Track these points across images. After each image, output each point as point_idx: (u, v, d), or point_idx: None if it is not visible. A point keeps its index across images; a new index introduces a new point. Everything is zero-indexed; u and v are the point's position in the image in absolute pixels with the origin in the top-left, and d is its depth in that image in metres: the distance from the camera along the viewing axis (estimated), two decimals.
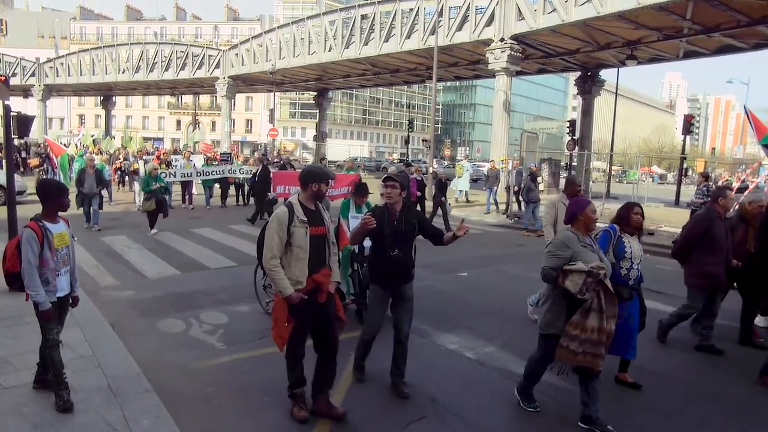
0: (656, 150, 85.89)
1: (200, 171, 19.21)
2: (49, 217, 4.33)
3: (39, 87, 50.43)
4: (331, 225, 4.62)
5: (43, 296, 4.16)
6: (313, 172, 4.47)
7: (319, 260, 4.37)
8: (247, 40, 41.16)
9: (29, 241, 4.13)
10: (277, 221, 4.24)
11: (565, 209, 6.79)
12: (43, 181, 4.83)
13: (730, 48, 24.56)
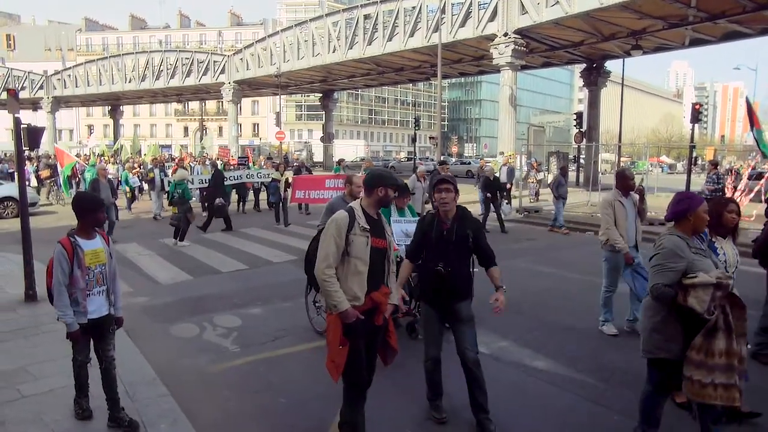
0: (665, 140, 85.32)
1: None
2: (83, 233, 4.14)
3: (48, 99, 50.89)
4: (393, 240, 4.12)
5: (70, 317, 3.98)
6: (381, 175, 3.94)
7: (378, 277, 3.88)
8: (251, 44, 41.29)
9: (59, 259, 3.97)
10: (335, 226, 3.73)
11: (623, 209, 6.57)
12: (78, 194, 4.62)
13: (736, 34, 24.34)
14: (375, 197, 3.86)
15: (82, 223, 4.15)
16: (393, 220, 6.85)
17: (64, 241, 4.03)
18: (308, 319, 6.82)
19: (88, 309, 4.07)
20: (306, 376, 5.48)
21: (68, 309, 3.97)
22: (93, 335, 4.21)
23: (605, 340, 6.44)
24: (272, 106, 65.61)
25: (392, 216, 6.93)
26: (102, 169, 14.06)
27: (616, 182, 6.83)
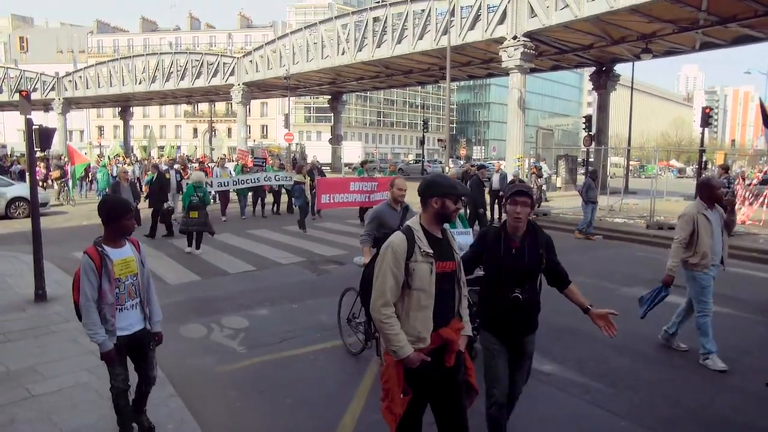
0: (674, 144, 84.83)
1: (236, 180, 18.02)
2: (111, 241, 3.70)
3: (59, 101, 51.29)
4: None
5: (101, 336, 3.59)
6: (434, 182, 3.28)
7: (447, 307, 3.24)
8: (260, 46, 41.43)
9: (86, 271, 3.55)
10: (391, 255, 3.10)
11: (708, 223, 5.77)
12: (105, 199, 4.03)
13: (747, 38, 24.19)
14: (431, 211, 3.22)
15: (109, 230, 3.71)
16: None
17: (91, 251, 3.59)
18: (342, 340, 6.23)
19: (121, 325, 3.71)
20: (312, 377, 5.50)
21: (99, 327, 3.59)
22: (130, 355, 3.86)
23: (612, 344, 6.41)
24: (281, 108, 65.83)
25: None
26: (123, 171, 13.43)
27: (700, 192, 6.06)
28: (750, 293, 8.85)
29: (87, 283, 3.53)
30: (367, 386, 5.24)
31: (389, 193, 5.99)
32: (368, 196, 15.01)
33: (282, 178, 18.33)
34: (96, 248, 3.62)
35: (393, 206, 5.88)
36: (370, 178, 15.68)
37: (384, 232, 5.54)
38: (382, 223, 5.80)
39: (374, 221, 5.89)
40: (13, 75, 52.30)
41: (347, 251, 12.14)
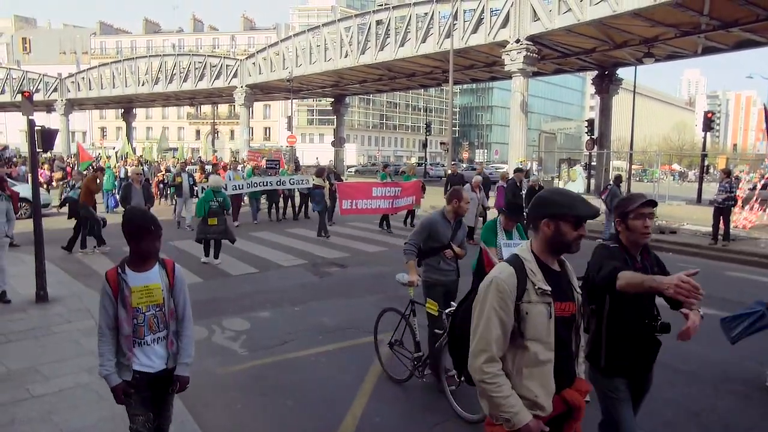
0: (676, 148, 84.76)
1: (250, 183, 17.26)
2: (133, 263, 3.13)
3: (61, 102, 51.45)
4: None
5: (106, 369, 3.04)
6: (551, 200, 2.51)
7: (567, 362, 2.57)
8: (263, 48, 41.51)
9: (102, 296, 3.09)
10: (496, 293, 2.40)
11: None
12: (128, 212, 3.36)
13: (749, 43, 24.22)
14: (542, 236, 2.50)
15: (133, 249, 3.13)
16: (502, 243, 5.71)
17: (110, 273, 3.10)
18: (380, 363, 5.67)
19: (143, 361, 3.14)
20: (314, 379, 5.50)
21: (106, 359, 3.06)
22: (150, 394, 3.23)
23: None
24: (284, 110, 65.89)
25: (499, 237, 5.79)
26: (136, 173, 12.74)
27: None
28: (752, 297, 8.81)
29: (103, 310, 3.08)
30: (369, 388, 5.24)
31: (453, 205, 5.27)
32: (392, 202, 14.79)
33: (297, 181, 17.60)
34: (116, 270, 3.09)
35: (448, 218, 5.31)
36: (393, 183, 15.43)
37: (431, 246, 5.26)
38: (433, 235, 5.24)
39: (423, 232, 5.27)
40: (16, 76, 52.45)
41: (349, 254, 12.15)
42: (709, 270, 10.79)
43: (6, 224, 7.84)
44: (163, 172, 22.91)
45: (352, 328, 7.04)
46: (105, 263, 10.91)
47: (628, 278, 2.83)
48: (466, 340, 2.52)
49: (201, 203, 10.85)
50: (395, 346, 5.46)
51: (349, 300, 8.46)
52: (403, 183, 15.49)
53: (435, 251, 5.28)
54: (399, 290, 8.97)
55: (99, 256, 11.67)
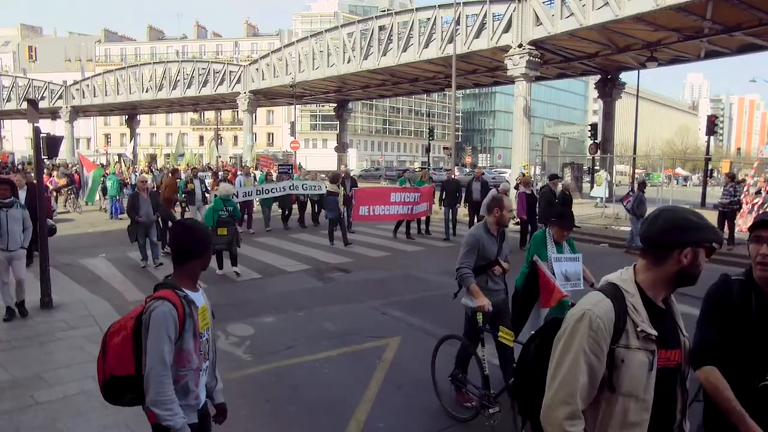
0: (680, 152, 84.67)
1: (260, 189, 16.54)
2: (188, 283, 2.69)
3: (66, 109, 51.68)
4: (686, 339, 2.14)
5: (181, 419, 2.51)
6: (693, 224, 2.01)
7: (666, 424, 2.04)
8: (266, 54, 41.66)
9: (167, 324, 2.45)
10: (588, 331, 1.92)
11: None
12: (193, 224, 2.85)
13: (752, 47, 24.24)
14: (672, 267, 1.99)
15: (191, 267, 2.70)
16: (553, 258, 5.17)
17: (170, 295, 2.52)
18: (436, 396, 5.01)
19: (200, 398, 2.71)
20: (318, 385, 5.49)
21: (177, 405, 2.51)
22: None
23: None
24: (287, 115, 66.03)
25: (549, 251, 5.23)
26: (142, 181, 11.96)
27: None
28: None
29: (167, 342, 2.44)
30: (373, 394, 5.23)
31: (494, 215, 4.76)
32: (411, 208, 14.49)
33: (310, 187, 17.06)
34: (175, 291, 2.56)
35: (491, 231, 4.81)
36: (412, 188, 15.12)
37: (478, 265, 4.74)
38: (480, 252, 4.74)
39: (474, 250, 4.72)
40: (22, 84, 52.76)
41: (352, 259, 12.14)
42: (713, 274, 10.75)
43: (22, 234, 7.24)
44: None
45: (356, 333, 7.03)
46: (111, 272, 10.94)
47: (714, 385, 2.27)
48: (537, 385, 2.06)
49: (210, 212, 10.53)
50: (456, 379, 4.90)
51: (352, 305, 8.45)
52: (423, 188, 15.21)
53: (482, 270, 4.80)
54: (403, 295, 9.01)
55: (103, 261, 11.69)
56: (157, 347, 2.43)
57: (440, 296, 9.11)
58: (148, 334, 2.44)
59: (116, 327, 2.56)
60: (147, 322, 2.45)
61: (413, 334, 7.01)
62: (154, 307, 2.46)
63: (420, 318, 7.68)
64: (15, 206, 7.15)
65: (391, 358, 6.13)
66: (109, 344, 2.53)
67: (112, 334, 2.54)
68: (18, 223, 7.14)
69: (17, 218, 7.14)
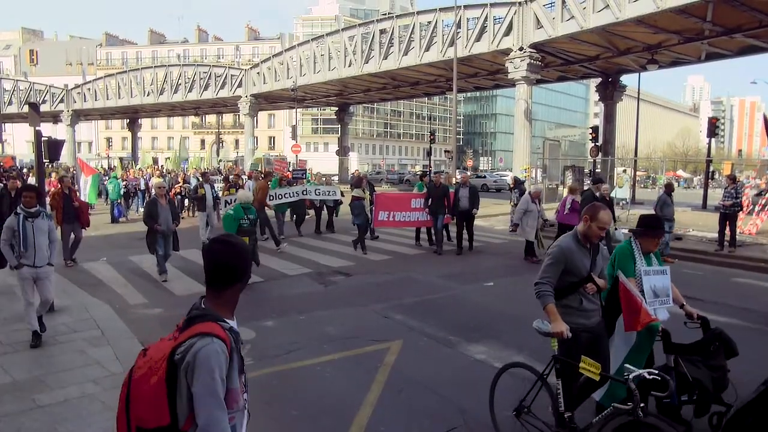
0: (681, 154, 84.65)
1: (273, 194, 15.77)
2: (228, 310, 2.31)
3: (68, 112, 51.83)
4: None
5: None
6: None
7: None
8: (268, 58, 41.77)
9: (220, 365, 2.04)
10: None
11: None
12: (237, 242, 2.33)
13: (753, 48, 24.26)
14: None
15: (233, 292, 2.31)
16: (642, 271, 4.54)
17: (218, 330, 2.10)
18: (492, 425, 4.45)
19: None
20: (318, 389, 5.48)
21: None
22: None
23: None
24: (288, 119, 66.09)
25: (638, 264, 4.58)
26: (160, 186, 11.00)
27: None
28: (758, 303, 8.78)
29: (220, 386, 2.04)
30: (374, 397, 5.21)
31: (585, 226, 4.03)
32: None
33: (325, 192, 16.41)
34: (221, 325, 2.15)
35: (583, 243, 4.07)
36: None
37: (568, 282, 4.01)
38: (569, 267, 4.00)
39: (559, 263, 4.00)
40: (23, 87, 52.90)
41: (354, 262, 12.13)
42: (715, 276, 10.76)
43: (48, 248, 6.44)
44: (180, 184, 21.58)
45: (357, 337, 7.02)
46: (112, 275, 10.93)
47: None
48: None
49: (231, 221, 9.84)
50: (523, 414, 4.14)
51: (354, 309, 8.44)
52: None
53: (573, 287, 4.03)
54: (404, 299, 9.00)
55: (104, 265, 11.69)
56: (215, 393, 2.02)
57: (442, 299, 9.11)
58: (195, 379, 1.99)
59: (143, 371, 2.08)
60: (191, 364, 1.99)
61: (415, 337, 7.00)
62: (201, 346, 2.00)
63: (421, 321, 7.66)
64: (41, 216, 6.43)
65: (392, 361, 6.11)
66: (137, 392, 2.07)
67: (138, 380, 2.08)
68: (45, 236, 6.41)
69: (44, 230, 6.40)
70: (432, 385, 5.49)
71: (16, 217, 6.27)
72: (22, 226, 6.22)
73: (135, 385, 2.08)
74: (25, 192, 6.50)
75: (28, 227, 6.26)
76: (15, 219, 6.27)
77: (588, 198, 11.84)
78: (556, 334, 3.81)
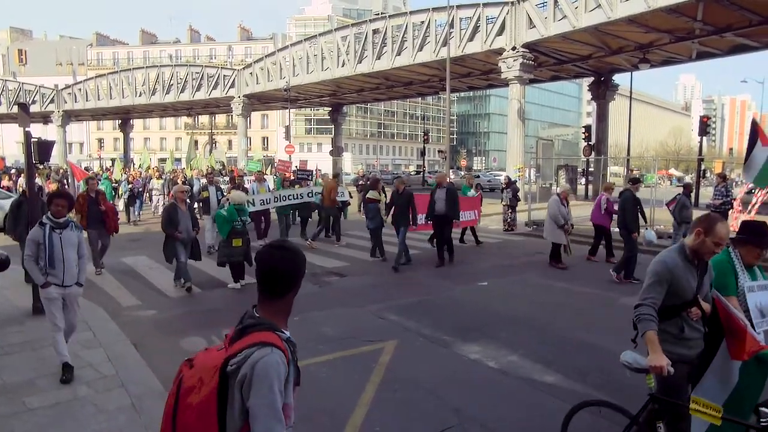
0: (673, 152, 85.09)
1: (278, 196, 14.86)
2: (284, 319, 2.16)
3: (58, 113, 51.48)
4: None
5: None
6: None
7: None
8: (261, 58, 41.67)
9: (279, 377, 1.91)
10: None
11: None
12: (286, 246, 2.19)
13: (743, 47, 24.44)
14: None
15: (290, 299, 2.19)
16: (746, 287, 3.78)
17: (276, 340, 1.97)
18: None
19: None
20: (313, 390, 5.44)
21: None
22: None
23: (615, 354, 6.35)
24: (282, 119, 66.06)
25: (741, 279, 3.80)
26: (181, 191, 10.10)
27: None
28: None
29: (279, 399, 1.91)
30: (369, 398, 5.19)
31: (697, 240, 3.39)
32: None
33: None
34: (278, 335, 2.02)
35: (691, 260, 3.44)
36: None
37: (671, 304, 3.41)
38: (674, 287, 3.39)
39: (662, 282, 3.38)
40: (12, 87, 52.54)
41: (348, 263, 12.10)
42: None
43: (77, 265, 5.60)
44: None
45: (352, 337, 7.00)
46: (104, 277, 10.84)
47: None
48: None
49: (223, 222, 9.65)
50: None
51: (348, 309, 8.42)
52: (462, 198, 14.03)
53: (674, 311, 3.43)
54: (400, 299, 8.98)
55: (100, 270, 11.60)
56: (274, 406, 1.89)
57: (437, 300, 9.10)
58: (253, 392, 1.87)
59: (192, 382, 1.97)
60: (249, 375, 1.86)
61: (409, 337, 6.98)
62: (259, 357, 1.88)
63: (416, 322, 7.65)
64: (70, 227, 5.58)
65: (387, 361, 6.09)
66: (185, 403, 1.96)
67: (186, 391, 1.97)
68: (74, 250, 5.56)
69: (73, 242, 5.54)
70: (427, 385, 5.47)
71: (42, 229, 5.42)
72: (48, 239, 5.38)
73: (183, 396, 1.97)
74: (56, 199, 5.56)
75: (55, 240, 5.41)
76: (40, 231, 5.41)
77: (629, 199, 10.85)
78: (655, 369, 3.17)
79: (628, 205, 10.72)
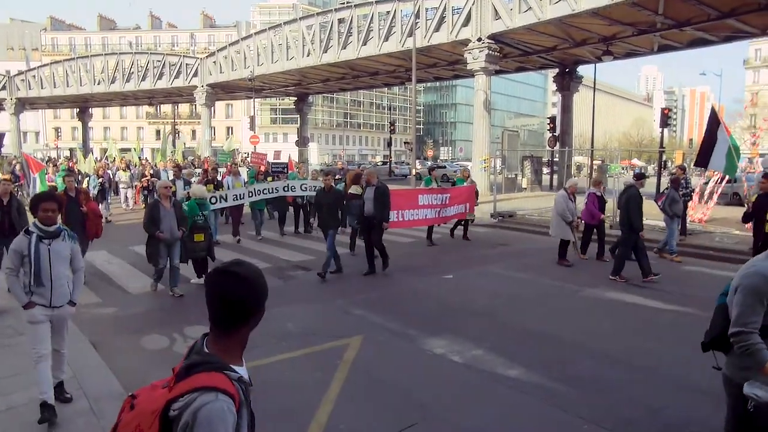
0: (636, 143, 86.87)
1: (252, 190, 13.91)
2: (237, 355, 1.90)
3: (11, 101, 49.48)
4: None
5: None
6: None
7: None
8: (224, 47, 40.96)
9: (226, 426, 1.65)
10: None
11: None
12: (238, 272, 1.84)
13: (702, 41, 25.08)
14: None
15: (245, 332, 1.92)
16: None
17: (224, 383, 1.71)
18: None
19: None
20: (277, 388, 5.39)
21: None
22: None
23: (578, 347, 6.47)
24: (247, 109, 65.11)
25: None
26: (165, 186, 9.20)
27: None
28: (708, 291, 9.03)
29: None
30: (334, 395, 5.17)
31: None
32: (439, 212, 13.11)
33: (312, 187, 14.25)
34: (227, 376, 1.75)
35: None
36: (440, 189, 13.81)
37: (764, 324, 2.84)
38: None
39: (764, 299, 2.83)
40: None
41: (314, 257, 12.00)
42: (666, 265, 11.04)
43: (70, 281, 4.79)
44: (148, 177, 19.78)
45: (317, 333, 6.96)
46: None
47: None
48: None
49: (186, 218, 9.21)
50: None
51: (314, 304, 8.36)
52: (453, 189, 14.06)
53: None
54: (365, 293, 8.95)
55: None
56: None
57: (402, 293, 9.11)
58: None
59: (129, 429, 1.76)
60: (190, 424, 1.63)
61: (374, 332, 6.97)
62: (202, 404, 1.63)
63: (381, 316, 7.65)
64: (62, 236, 4.69)
65: (352, 357, 6.08)
66: None
67: None
68: (65, 264, 4.70)
69: (64, 256, 4.68)
70: (392, 381, 5.48)
71: (27, 238, 4.52)
72: (34, 251, 4.49)
73: None
74: (44, 203, 4.64)
75: (42, 252, 4.52)
76: (25, 240, 4.52)
77: (635, 196, 10.16)
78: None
79: (634, 204, 10.06)
